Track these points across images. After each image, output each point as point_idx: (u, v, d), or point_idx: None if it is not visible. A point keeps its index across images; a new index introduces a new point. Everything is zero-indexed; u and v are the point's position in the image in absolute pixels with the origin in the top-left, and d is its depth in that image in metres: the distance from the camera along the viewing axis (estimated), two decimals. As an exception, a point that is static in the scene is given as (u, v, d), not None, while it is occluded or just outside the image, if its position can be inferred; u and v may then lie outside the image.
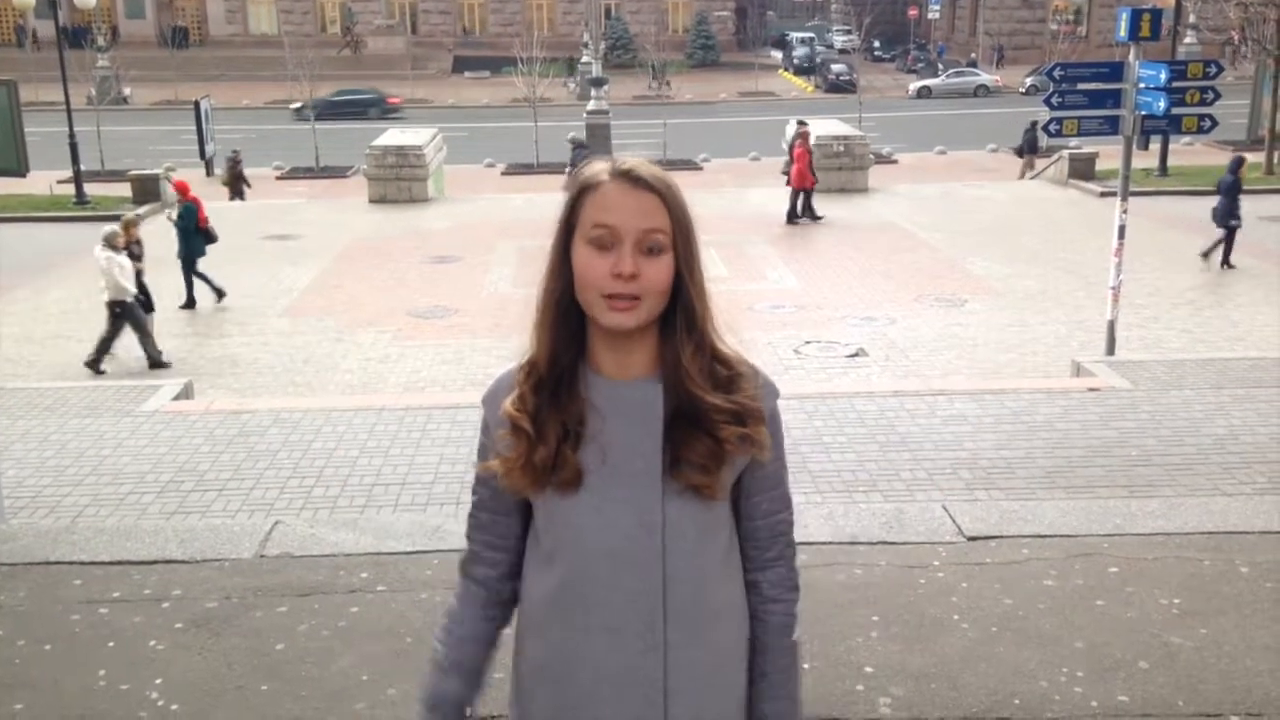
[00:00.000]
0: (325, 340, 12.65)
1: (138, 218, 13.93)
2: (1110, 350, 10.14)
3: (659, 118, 33.49)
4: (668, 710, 1.89)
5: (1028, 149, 26.90)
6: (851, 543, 5.35)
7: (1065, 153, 23.72)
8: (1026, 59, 55.21)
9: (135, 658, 4.38)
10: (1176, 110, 9.94)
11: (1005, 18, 60.32)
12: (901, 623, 4.53)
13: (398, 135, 24.17)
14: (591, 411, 1.86)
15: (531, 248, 16.96)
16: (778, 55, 64.31)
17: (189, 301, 14.29)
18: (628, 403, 1.87)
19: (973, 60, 54.47)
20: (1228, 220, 15.13)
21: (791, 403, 7.64)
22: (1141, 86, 9.66)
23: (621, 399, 1.87)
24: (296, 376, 11.31)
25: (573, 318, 1.85)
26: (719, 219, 18.84)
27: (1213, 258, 15.37)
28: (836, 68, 50.53)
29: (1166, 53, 24.25)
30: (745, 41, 64.85)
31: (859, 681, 4.10)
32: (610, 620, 1.88)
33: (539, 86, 30.09)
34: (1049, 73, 10.30)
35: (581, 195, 1.82)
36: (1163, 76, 9.60)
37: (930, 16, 66.56)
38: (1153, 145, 24.22)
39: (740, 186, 24.94)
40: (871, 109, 36.50)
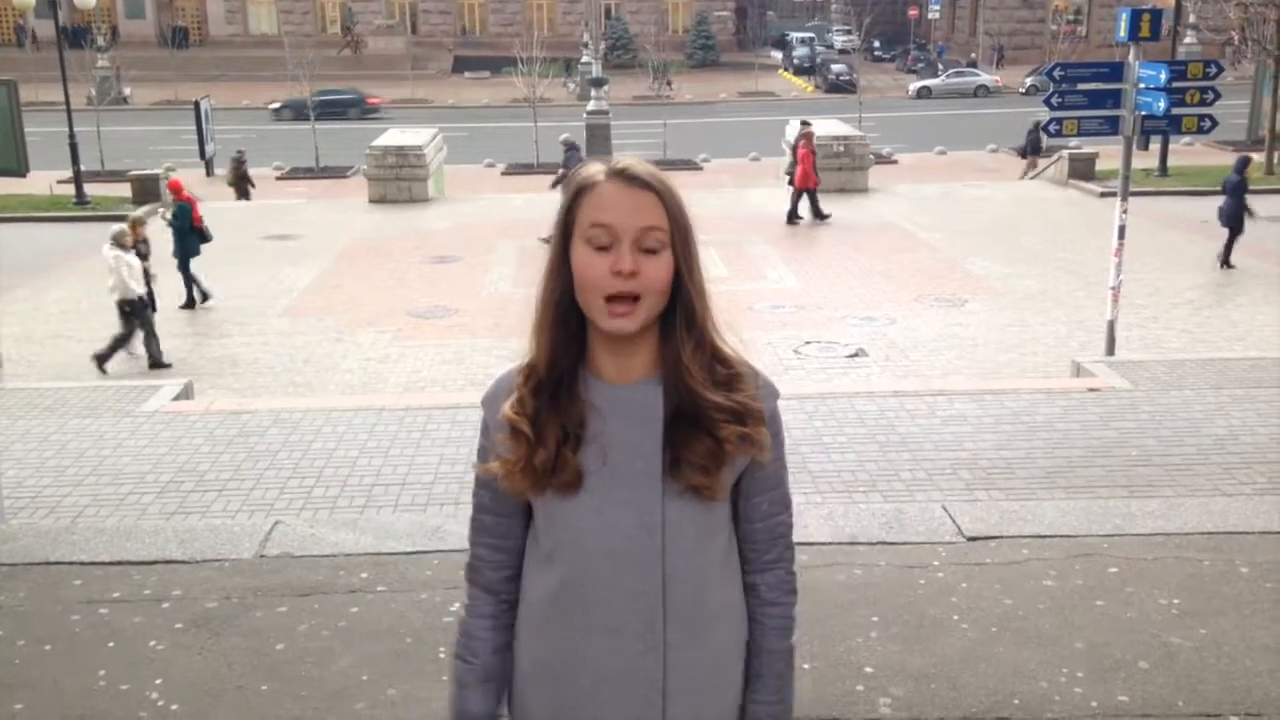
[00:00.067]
0: (325, 340, 12.65)
1: (145, 217, 13.89)
2: (1110, 350, 10.14)
3: (659, 118, 33.50)
4: (666, 710, 1.90)
5: (1030, 150, 26.89)
6: (851, 543, 5.35)
7: (1065, 153, 23.74)
8: (1026, 59, 55.25)
9: (135, 658, 4.38)
10: (1176, 110, 9.94)
11: (1005, 18, 60.34)
12: (901, 623, 4.53)
13: (398, 135, 24.17)
14: (592, 413, 1.86)
15: (531, 247, 16.99)
16: (778, 55, 64.33)
17: (189, 301, 14.30)
18: (628, 404, 1.86)
19: (973, 60, 54.49)
20: (1237, 219, 15.13)
21: (791, 403, 7.64)
22: (1141, 87, 9.67)
23: (621, 400, 1.87)
24: (296, 376, 11.31)
25: (572, 320, 1.85)
26: (719, 219, 18.84)
27: (1229, 257, 15.36)
28: (836, 68, 50.51)
29: (1166, 53, 24.24)
30: (745, 41, 64.85)
31: (859, 682, 4.10)
32: (610, 621, 1.88)
33: (539, 87, 30.09)
34: (1049, 73, 10.30)
35: (578, 196, 1.82)
36: (1163, 77, 9.60)
37: (930, 16, 66.58)
38: (1153, 145, 24.23)
39: (740, 187, 24.93)
40: (871, 109, 36.50)
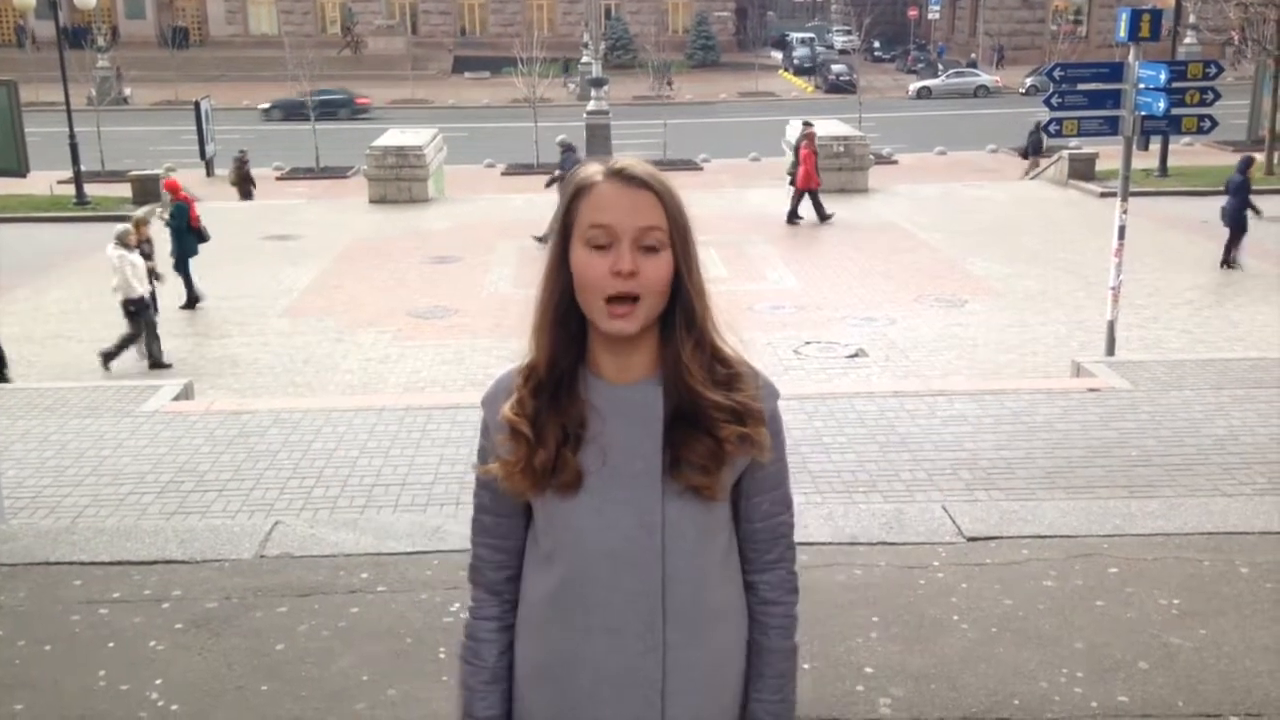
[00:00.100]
0: (325, 340, 12.65)
1: (148, 216, 13.86)
2: (1110, 351, 10.14)
3: (659, 118, 33.49)
4: (666, 711, 1.89)
5: (1033, 150, 26.90)
6: (851, 543, 5.35)
7: (1065, 153, 23.74)
8: (1026, 59, 55.24)
9: (135, 658, 4.38)
10: (1176, 111, 9.94)
11: (1005, 18, 60.34)
12: (901, 623, 4.53)
13: (398, 136, 24.17)
14: (592, 413, 1.86)
15: (530, 247, 17.00)
16: (778, 55, 64.32)
17: (189, 301, 14.30)
18: (628, 404, 1.86)
19: (973, 61, 54.48)
20: (1239, 219, 15.12)
21: (791, 403, 7.64)
22: (1141, 87, 9.67)
23: (621, 400, 1.86)
24: (296, 377, 11.31)
25: (572, 321, 1.85)
26: (719, 219, 18.85)
27: (1240, 256, 15.32)
28: (837, 68, 50.50)
29: (1166, 53, 24.25)
30: (745, 42, 64.83)
31: (859, 682, 4.10)
32: (610, 621, 1.88)
33: (539, 87, 30.10)
34: (1049, 73, 10.30)
35: (577, 197, 1.82)
36: (1162, 77, 9.60)
37: (930, 17, 66.55)
38: (1153, 146, 24.23)
39: (740, 187, 24.93)
40: (871, 109, 36.49)
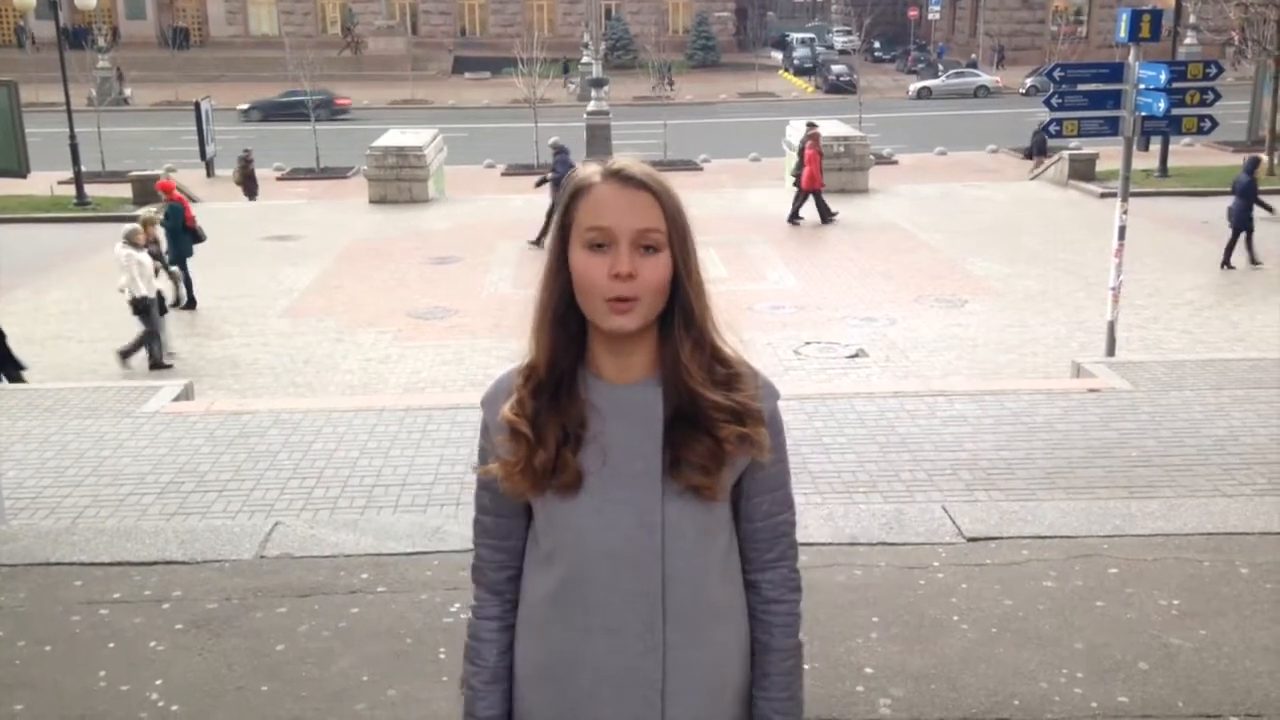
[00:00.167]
0: (325, 341, 12.65)
1: (155, 215, 13.86)
2: (1110, 351, 10.14)
3: (659, 118, 33.47)
4: (666, 711, 1.89)
5: (1036, 150, 26.91)
6: (851, 544, 5.35)
7: (1065, 153, 23.74)
8: (1027, 60, 55.24)
9: (135, 658, 4.38)
10: (1176, 111, 9.94)
11: (1005, 18, 60.33)
12: (901, 624, 4.53)
13: (398, 136, 24.18)
14: (592, 413, 1.86)
15: (529, 250, 16.99)
16: (778, 56, 64.29)
17: (189, 302, 14.31)
18: (627, 404, 1.86)
19: (973, 61, 54.47)
20: (1244, 220, 15.12)
21: (791, 403, 7.64)
22: (1141, 87, 9.67)
23: (621, 400, 1.87)
24: (297, 377, 11.32)
25: (571, 322, 1.85)
26: (719, 219, 18.85)
27: (1258, 256, 15.30)
28: (837, 68, 50.48)
29: (1166, 53, 24.25)
30: (745, 42, 64.84)
31: (859, 682, 4.10)
32: (610, 621, 1.88)
33: (539, 87, 30.10)
34: (1049, 74, 10.30)
35: (575, 198, 1.82)
36: (1163, 77, 9.61)
37: (930, 17, 66.58)
38: (1153, 146, 24.23)
39: (740, 187, 24.94)
40: (872, 110, 36.49)
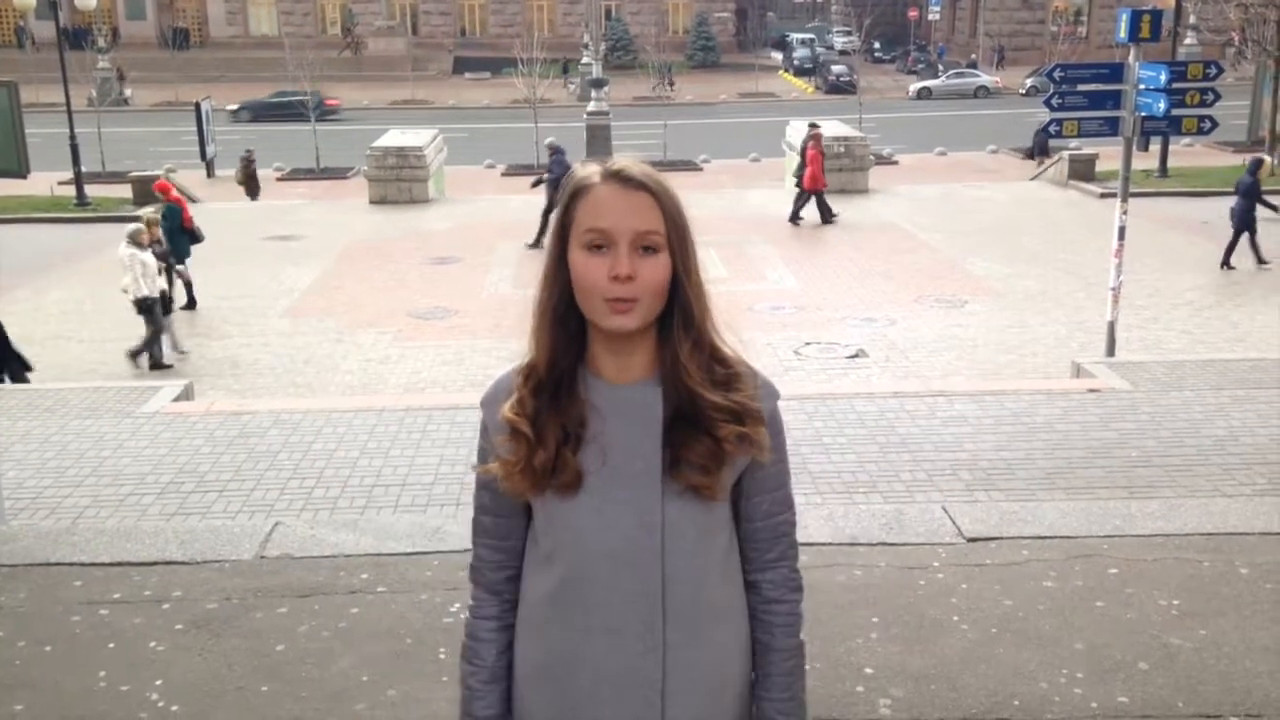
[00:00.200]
0: (326, 341, 12.66)
1: (158, 215, 13.86)
2: (1110, 351, 10.14)
3: (659, 119, 33.46)
4: (666, 711, 1.89)
5: (1039, 150, 26.92)
6: (851, 544, 5.35)
7: (1065, 154, 23.75)
8: (1027, 60, 55.25)
9: (135, 659, 4.38)
10: (1176, 111, 9.94)
11: (1005, 19, 60.34)
12: (901, 624, 4.53)
13: (398, 136, 24.19)
14: (592, 413, 1.86)
15: (527, 252, 16.99)
16: (778, 56, 64.29)
17: (189, 302, 14.31)
18: (627, 404, 1.86)
19: (973, 61, 54.48)
20: (1247, 221, 15.11)
21: (791, 403, 7.64)
22: (1141, 88, 9.67)
23: (621, 400, 1.86)
24: (297, 377, 11.32)
25: (571, 322, 1.85)
26: (719, 220, 18.86)
27: (1263, 255, 15.29)
28: (837, 69, 50.48)
29: (1166, 54, 24.26)
30: (745, 42, 64.87)
31: (859, 683, 4.10)
32: (610, 621, 1.88)
33: (539, 88, 30.10)
34: (1049, 74, 10.30)
35: (574, 199, 1.81)
36: (1162, 78, 9.61)
37: (930, 18, 66.55)
38: (1153, 146, 24.24)
39: (740, 187, 24.94)
40: (872, 110, 36.50)
